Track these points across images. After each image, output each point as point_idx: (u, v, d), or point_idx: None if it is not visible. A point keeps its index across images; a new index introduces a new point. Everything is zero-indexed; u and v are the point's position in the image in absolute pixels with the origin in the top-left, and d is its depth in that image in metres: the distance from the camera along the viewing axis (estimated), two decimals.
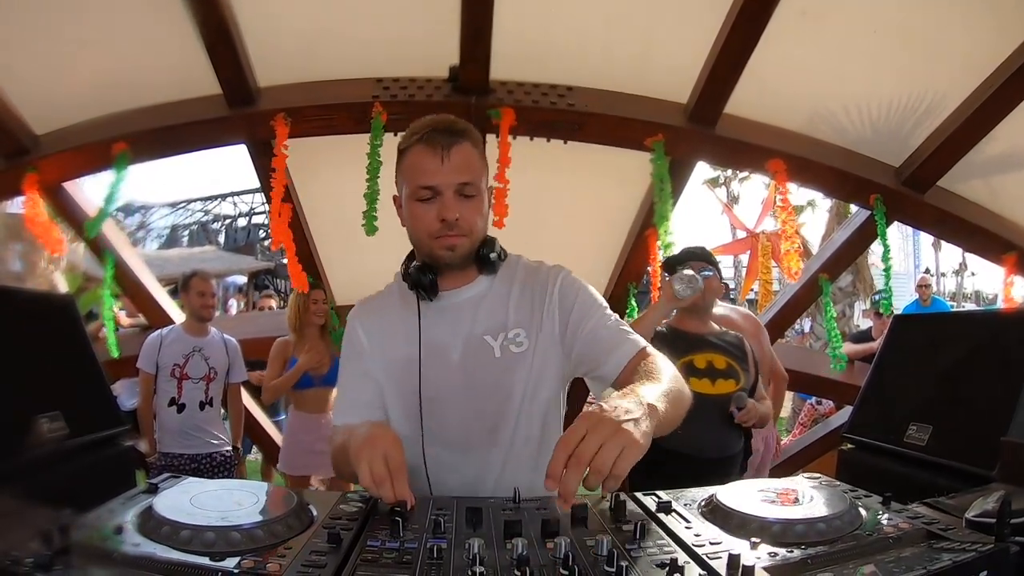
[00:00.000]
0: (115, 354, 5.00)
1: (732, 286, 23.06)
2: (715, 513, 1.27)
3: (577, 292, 1.75)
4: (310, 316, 4.83)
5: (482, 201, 1.69)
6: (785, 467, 6.08)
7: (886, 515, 1.29)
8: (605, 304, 1.75)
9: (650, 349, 1.66)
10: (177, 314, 5.27)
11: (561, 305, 1.72)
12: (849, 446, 2.50)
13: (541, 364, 1.71)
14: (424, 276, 1.68)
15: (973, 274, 33.98)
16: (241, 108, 4.28)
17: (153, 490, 1.27)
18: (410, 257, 1.78)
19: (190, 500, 1.18)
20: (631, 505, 1.32)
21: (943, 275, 35.21)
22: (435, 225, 1.64)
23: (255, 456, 6.65)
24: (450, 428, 1.68)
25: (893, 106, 4.23)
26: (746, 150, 4.46)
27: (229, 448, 4.74)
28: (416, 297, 1.72)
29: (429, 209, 1.64)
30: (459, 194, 1.64)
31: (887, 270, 4.72)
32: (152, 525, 1.08)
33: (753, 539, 1.12)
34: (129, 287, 5.22)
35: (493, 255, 1.72)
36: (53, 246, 4.73)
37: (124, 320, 6.20)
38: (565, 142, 4.29)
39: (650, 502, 1.34)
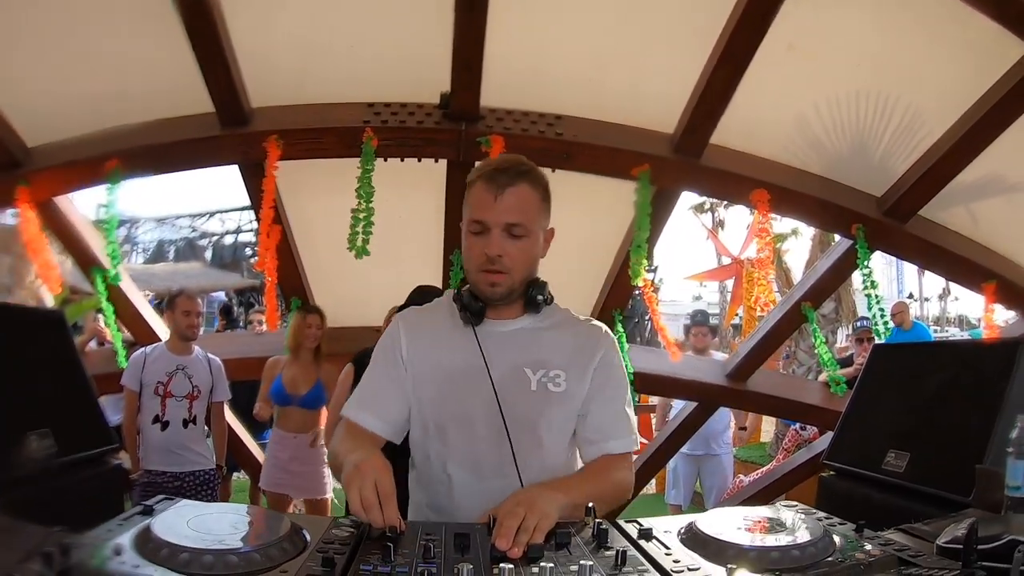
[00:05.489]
0: (123, 364, 5.02)
1: (717, 311, 23.12)
2: (694, 540, 1.30)
3: (614, 362, 1.85)
4: (304, 339, 4.88)
5: (531, 243, 1.76)
6: (769, 492, 6.12)
7: (859, 542, 1.32)
8: (625, 385, 1.86)
9: (624, 458, 1.80)
10: (163, 330, 5.27)
11: (600, 364, 1.81)
12: (829, 472, 2.55)
13: (572, 408, 1.79)
14: (475, 302, 1.76)
15: (956, 299, 34.21)
16: (234, 128, 4.30)
17: (149, 512, 1.29)
18: (465, 281, 1.86)
19: (187, 523, 1.20)
20: (613, 532, 1.36)
21: (927, 300, 35.43)
22: (481, 259, 1.72)
23: (244, 476, 6.63)
24: (474, 449, 1.74)
25: (876, 137, 4.30)
26: (731, 180, 4.52)
27: (212, 466, 4.74)
28: (465, 318, 1.79)
29: (477, 243, 1.73)
30: (507, 233, 1.71)
31: (870, 297, 4.77)
32: (151, 547, 1.10)
33: (729, 565, 1.15)
34: (115, 302, 5.21)
35: (540, 297, 1.80)
36: (46, 271, 4.67)
37: (110, 335, 6.17)
38: (553, 170, 4.34)
39: (632, 529, 1.38)
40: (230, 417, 5.35)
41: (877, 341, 4.88)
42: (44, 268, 4.57)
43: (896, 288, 31.31)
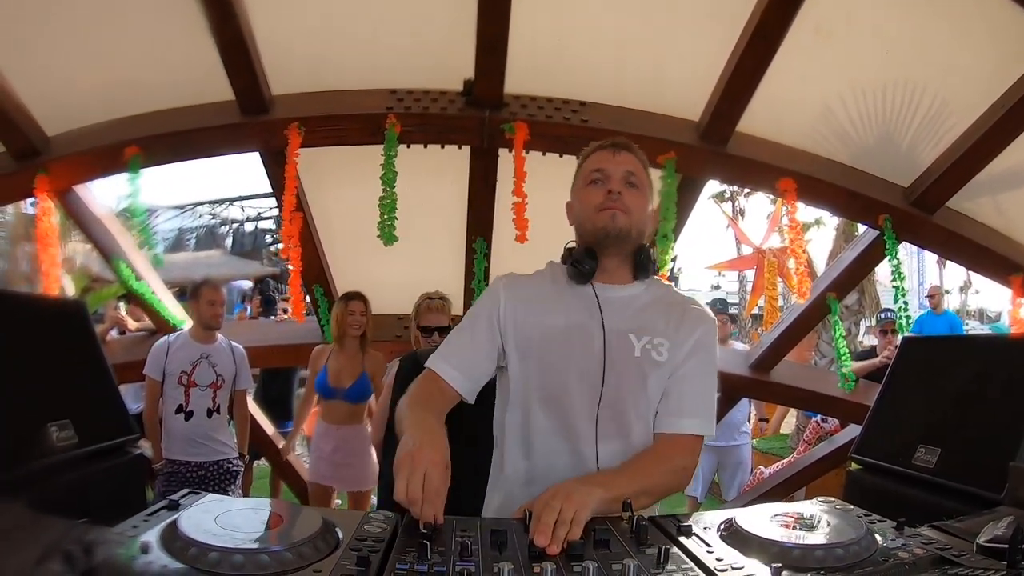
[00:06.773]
0: (180, 325, 5.19)
1: (737, 301, 23.02)
2: (734, 537, 1.28)
3: (710, 345, 1.83)
4: (347, 327, 4.83)
5: (644, 198, 1.86)
6: (790, 484, 6.08)
7: (900, 540, 1.29)
8: (715, 372, 1.83)
9: (692, 441, 1.75)
10: (184, 319, 5.29)
11: (698, 342, 1.80)
12: (857, 467, 2.51)
13: (666, 380, 1.77)
14: (587, 258, 1.78)
15: (977, 291, 33.94)
16: (254, 116, 4.28)
17: (175, 507, 1.27)
18: (570, 252, 1.88)
19: (215, 520, 1.17)
20: (653, 529, 1.33)
21: (947, 292, 35.10)
22: (600, 198, 1.80)
23: (265, 463, 6.67)
24: (573, 410, 1.74)
25: (903, 126, 4.23)
26: (757, 169, 4.46)
27: (236, 455, 4.75)
28: (573, 279, 1.82)
29: (597, 188, 1.83)
30: (625, 181, 1.83)
31: (898, 289, 4.70)
32: (179, 546, 1.08)
33: (775, 564, 1.13)
34: (136, 291, 5.21)
35: (649, 257, 1.85)
36: (50, 267, 4.63)
37: (131, 324, 6.19)
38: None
39: (671, 525, 1.35)
40: (252, 406, 5.36)
41: (901, 334, 4.82)
42: (48, 263, 4.53)
43: (917, 280, 31.09)
